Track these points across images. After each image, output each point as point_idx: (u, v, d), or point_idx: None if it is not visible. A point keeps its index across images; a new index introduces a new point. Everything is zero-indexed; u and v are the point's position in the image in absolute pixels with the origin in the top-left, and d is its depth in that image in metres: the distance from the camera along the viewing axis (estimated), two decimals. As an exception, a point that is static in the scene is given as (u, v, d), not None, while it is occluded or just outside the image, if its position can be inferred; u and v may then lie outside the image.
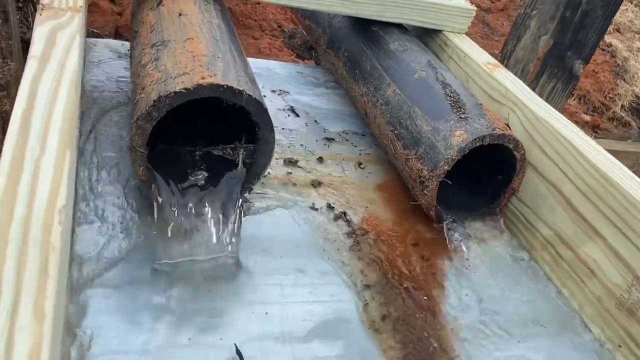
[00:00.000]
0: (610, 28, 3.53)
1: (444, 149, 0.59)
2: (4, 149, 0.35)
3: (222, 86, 0.48)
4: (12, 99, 0.62)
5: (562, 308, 0.57)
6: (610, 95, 2.77)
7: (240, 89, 0.49)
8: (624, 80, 2.91)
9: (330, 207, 0.63)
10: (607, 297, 0.54)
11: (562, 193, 0.60)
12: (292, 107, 0.82)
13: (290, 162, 0.69)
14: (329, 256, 0.56)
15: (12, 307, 0.26)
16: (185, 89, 0.47)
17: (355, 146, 0.76)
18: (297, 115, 0.80)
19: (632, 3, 4.07)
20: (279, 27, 2.39)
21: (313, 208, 0.62)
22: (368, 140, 0.78)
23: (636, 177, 0.53)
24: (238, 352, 0.42)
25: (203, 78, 0.48)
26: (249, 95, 0.49)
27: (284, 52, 2.14)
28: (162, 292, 0.47)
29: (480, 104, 0.65)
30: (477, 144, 0.59)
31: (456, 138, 0.59)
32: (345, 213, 0.63)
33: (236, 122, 0.55)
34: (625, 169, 0.55)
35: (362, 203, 0.65)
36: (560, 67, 0.79)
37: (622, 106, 2.77)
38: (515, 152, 0.62)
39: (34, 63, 0.45)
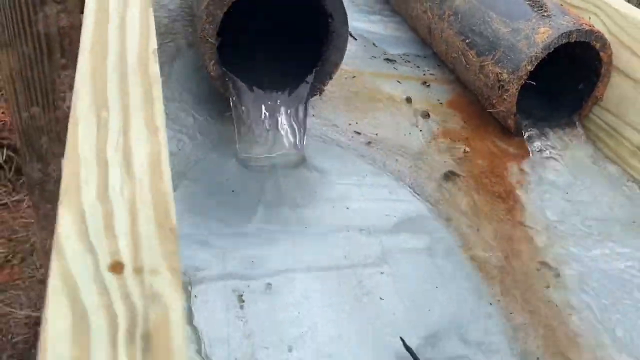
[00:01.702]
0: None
1: (526, 48, 0.55)
2: (86, 11, 0.33)
3: (296, -34, 0.45)
4: (68, 13, 0.61)
5: (660, 213, 0.53)
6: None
7: (316, -31, 0.45)
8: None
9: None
10: None
11: (656, 93, 0.55)
12: (349, 32, 0.78)
13: (352, 80, 0.66)
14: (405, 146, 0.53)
15: (123, 124, 0.24)
16: (258, -33, 0.44)
17: (419, 67, 0.73)
18: (355, 39, 0.76)
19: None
20: None
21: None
22: (431, 61, 0.74)
23: None
24: (407, 348, 0.36)
25: (275, -42, 0.45)
26: (325, -22, 0.46)
27: None
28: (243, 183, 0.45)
29: (561, 5, 0.60)
30: (564, 40, 0.54)
31: (540, 35, 0.55)
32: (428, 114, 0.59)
33: (299, 28, 0.52)
34: None
35: (435, 118, 0.62)
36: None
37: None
38: (601, 53, 0.57)
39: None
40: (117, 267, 0.18)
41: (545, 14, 0.57)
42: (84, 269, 0.18)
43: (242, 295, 0.36)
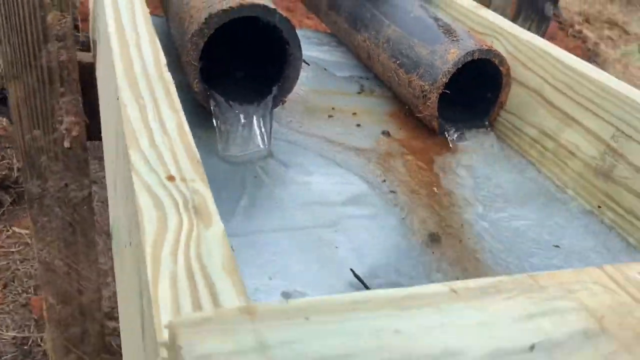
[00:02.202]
0: (580, 19, 3.73)
1: (441, 65, 0.70)
2: (111, 40, 0.45)
3: (259, 5, 0.59)
4: (68, 49, 0.72)
5: (550, 186, 0.68)
6: (584, 78, 2.92)
7: (274, 7, 0.59)
8: (596, 62, 3.08)
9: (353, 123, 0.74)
10: (586, 169, 0.65)
11: (543, 96, 0.71)
12: (303, 59, 0.92)
13: (308, 96, 0.79)
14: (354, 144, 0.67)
15: (154, 107, 0.36)
16: (230, 7, 0.57)
17: (362, 85, 0.87)
18: (308, 64, 0.91)
19: (597, -4, 4.29)
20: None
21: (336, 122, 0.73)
22: (372, 81, 0.89)
23: (597, 69, 0.65)
24: (356, 276, 0.49)
25: (243, 0, 0.59)
26: (280, 14, 0.60)
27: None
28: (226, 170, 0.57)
29: (469, 31, 0.76)
30: (469, 58, 0.70)
31: (451, 55, 0.70)
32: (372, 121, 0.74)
33: (264, 53, 0.66)
34: (587, 63, 0.66)
35: (380, 122, 0.76)
36: (533, 10, 0.91)
37: (596, 87, 2.92)
38: (500, 67, 0.73)
39: (109, -10, 0.55)
40: (171, 178, 0.30)
41: (454, 38, 0.73)
42: (153, 180, 0.30)
43: (231, 246, 0.48)
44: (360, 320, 0.19)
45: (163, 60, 0.43)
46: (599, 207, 0.63)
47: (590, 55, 3.01)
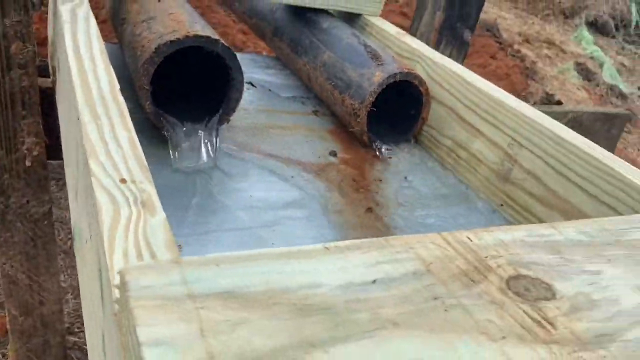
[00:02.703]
0: (520, 39, 3.98)
1: (368, 86, 0.80)
2: (72, 69, 0.53)
3: (203, 36, 0.67)
4: (29, 76, 0.79)
5: (462, 190, 0.79)
6: (523, 94, 3.13)
7: (217, 38, 0.68)
8: (534, 80, 3.30)
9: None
10: (490, 174, 0.76)
11: (456, 112, 0.82)
12: (250, 82, 1.02)
13: (254, 114, 0.88)
14: (294, 157, 0.76)
15: (110, 126, 0.44)
16: (177, 38, 0.66)
17: (305, 104, 0.97)
18: (255, 87, 1.00)
19: (537, 17, 4.59)
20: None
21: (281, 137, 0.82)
22: (313, 100, 0.99)
23: (498, 88, 0.76)
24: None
25: (189, 32, 0.67)
26: (223, 43, 0.69)
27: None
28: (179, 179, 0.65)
29: (393, 56, 0.87)
30: (391, 80, 0.81)
31: (376, 77, 0.81)
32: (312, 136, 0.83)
33: (211, 76, 0.75)
34: (491, 84, 0.78)
35: (319, 138, 0.85)
36: (453, 36, 1.03)
37: (535, 102, 3.13)
38: (420, 87, 0.84)
39: (68, 25, 0.63)
40: (123, 181, 0.38)
41: (380, 63, 0.83)
42: (109, 183, 0.38)
43: (181, 245, 0.56)
44: (255, 266, 0.28)
45: (117, 85, 0.51)
46: (501, 205, 0.74)
47: (529, 73, 3.22)
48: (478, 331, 0.27)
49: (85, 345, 1.30)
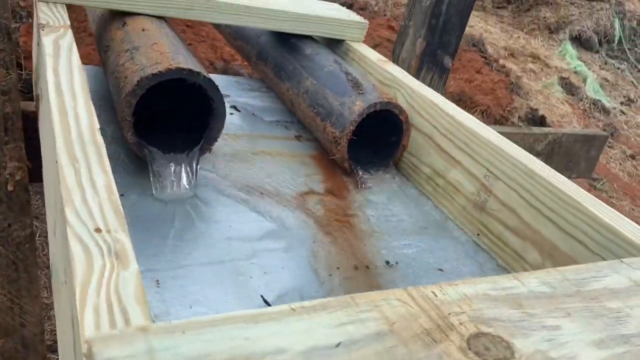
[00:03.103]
0: (505, 53, 4.03)
1: (348, 115, 0.82)
2: (52, 106, 0.54)
3: (185, 69, 0.68)
4: (12, 102, 0.79)
5: (440, 218, 0.80)
6: (508, 109, 3.17)
7: (198, 70, 0.69)
8: (519, 95, 3.34)
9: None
10: (467, 203, 0.77)
11: (434, 140, 0.83)
12: (234, 105, 1.03)
13: (238, 139, 0.89)
14: (275, 184, 0.77)
15: (87, 168, 0.45)
16: (159, 71, 0.67)
17: (288, 129, 0.98)
18: (239, 111, 1.01)
19: (523, 31, 4.66)
20: (211, 64, 2.61)
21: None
22: (296, 125, 1.00)
23: (472, 117, 0.78)
24: (265, 301, 0.58)
25: (171, 64, 0.68)
26: (204, 75, 0.70)
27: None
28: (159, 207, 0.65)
29: (374, 85, 0.89)
30: (371, 109, 0.82)
31: (357, 106, 0.82)
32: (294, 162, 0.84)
33: (194, 106, 0.76)
34: (468, 114, 0.79)
35: (301, 164, 0.87)
36: (434, 63, 1.05)
37: (519, 117, 3.18)
38: (400, 116, 0.86)
39: (50, 58, 0.64)
40: (98, 230, 0.39)
41: (360, 92, 0.85)
42: (83, 231, 0.38)
43: (158, 280, 0.56)
44: (221, 332, 0.29)
45: (96, 125, 0.52)
46: (478, 234, 0.76)
47: (514, 87, 3.26)
48: (436, 395, 0.28)
49: (66, 364, 1.29)
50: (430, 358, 0.30)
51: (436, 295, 0.35)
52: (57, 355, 1.32)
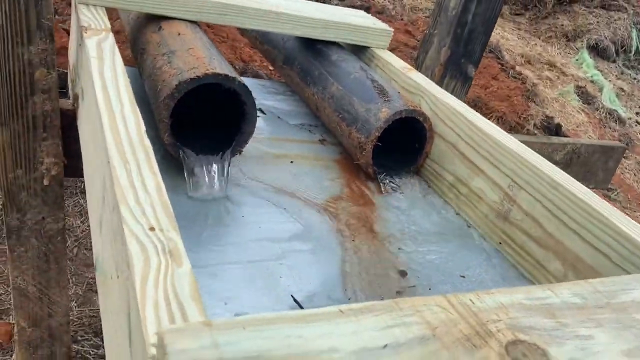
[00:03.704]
0: (522, 60, 4.03)
1: (374, 122, 0.84)
2: (100, 109, 0.56)
3: (221, 74, 0.71)
4: (52, 100, 0.82)
5: (462, 225, 0.82)
6: (524, 116, 3.17)
7: (234, 76, 0.71)
8: (535, 102, 3.34)
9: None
10: (490, 212, 0.79)
11: (457, 148, 0.85)
12: (260, 108, 1.05)
13: (263, 142, 0.91)
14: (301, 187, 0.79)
15: (138, 170, 0.47)
16: (197, 76, 0.69)
17: (313, 133, 1.00)
18: (265, 113, 1.03)
19: (540, 38, 4.64)
20: (231, 64, 2.63)
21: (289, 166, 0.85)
22: (321, 129, 1.02)
23: (496, 127, 0.80)
24: (295, 300, 0.60)
25: (208, 69, 0.70)
26: (239, 81, 0.72)
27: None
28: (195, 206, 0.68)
29: (399, 92, 0.90)
30: (397, 117, 0.84)
31: (383, 113, 0.84)
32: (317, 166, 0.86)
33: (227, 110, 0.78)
34: (492, 123, 0.81)
35: (325, 167, 0.89)
36: (457, 71, 1.06)
37: (535, 124, 3.18)
38: (424, 124, 0.88)
39: (95, 61, 0.66)
40: (152, 229, 0.41)
41: (386, 99, 0.87)
42: (139, 230, 0.41)
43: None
44: (278, 329, 0.31)
45: (143, 127, 0.54)
46: (500, 243, 0.77)
47: (530, 95, 3.26)
48: (477, 397, 0.30)
49: (88, 354, 1.32)
50: (471, 362, 0.32)
51: (474, 303, 0.37)
52: (78, 346, 1.35)
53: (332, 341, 0.31)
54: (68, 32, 1.71)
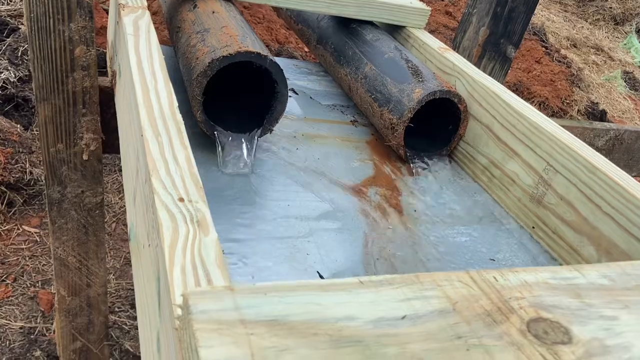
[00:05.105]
0: (568, 43, 3.88)
1: (407, 102, 0.83)
2: (135, 84, 0.58)
3: (254, 52, 0.71)
4: (91, 77, 0.85)
5: (494, 209, 0.80)
6: (567, 101, 3.07)
7: (265, 54, 0.72)
8: (579, 88, 3.22)
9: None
10: (524, 195, 0.77)
11: (492, 131, 0.83)
12: (292, 88, 1.05)
13: (295, 122, 0.92)
14: (331, 167, 0.79)
15: (169, 142, 0.49)
16: (229, 54, 0.70)
17: (345, 114, 1.00)
18: (297, 94, 1.04)
19: (587, 21, 4.46)
20: (267, 46, 2.65)
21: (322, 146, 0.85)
22: (352, 110, 1.02)
23: (534, 109, 0.78)
24: (321, 277, 0.61)
25: (240, 47, 0.71)
26: (271, 59, 0.73)
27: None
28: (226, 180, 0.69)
29: (434, 73, 0.89)
30: (430, 97, 0.83)
31: (416, 93, 0.83)
32: (349, 147, 0.86)
33: (258, 88, 0.79)
34: (530, 105, 0.79)
35: (355, 148, 0.88)
36: (496, 52, 1.03)
37: (579, 110, 3.07)
38: (459, 105, 0.86)
39: (131, 38, 0.68)
40: (181, 199, 0.42)
41: (420, 79, 0.85)
42: (169, 200, 0.42)
43: (223, 251, 0.60)
44: (297, 296, 0.31)
45: (175, 102, 0.55)
46: (533, 227, 0.76)
47: (574, 79, 3.15)
48: (495, 370, 0.30)
49: (125, 324, 1.38)
50: (491, 337, 0.32)
51: (497, 280, 0.36)
52: (114, 317, 1.40)
53: (350, 309, 0.31)
54: (108, 12, 1.75)
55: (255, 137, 0.77)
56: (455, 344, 0.30)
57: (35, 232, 1.49)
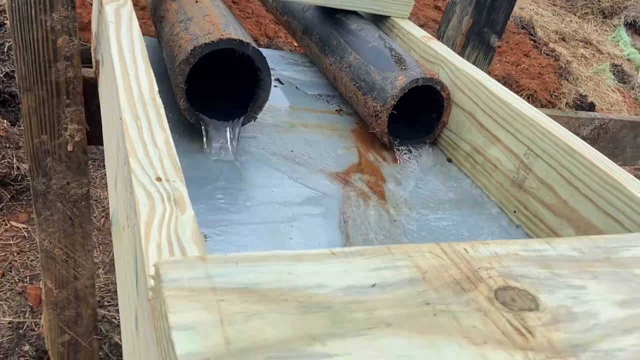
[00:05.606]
0: (556, 37, 3.90)
1: (390, 90, 0.83)
2: (115, 70, 0.58)
3: (236, 40, 0.71)
4: (74, 67, 0.85)
5: (477, 194, 0.81)
6: (556, 94, 3.09)
7: (248, 41, 0.72)
8: (568, 80, 3.24)
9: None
10: (505, 180, 0.78)
11: (475, 117, 0.84)
12: (278, 78, 1.06)
13: (280, 111, 0.92)
14: (315, 155, 0.80)
15: (148, 125, 0.49)
16: (212, 41, 0.70)
17: (330, 103, 1.01)
18: (283, 84, 1.04)
19: (575, 15, 4.49)
20: (256, 40, 2.64)
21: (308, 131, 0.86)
22: (338, 99, 1.02)
23: (517, 96, 0.78)
24: None
25: (222, 35, 0.71)
26: (253, 47, 0.73)
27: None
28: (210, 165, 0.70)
29: (417, 61, 0.90)
30: (413, 84, 0.83)
31: (399, 81, 0.84)
32: (332, 134, 0.86)
33: (241, 76, 0.79)
34: (512, 92, 0.80)
35: (340, 137, 0.89)
36: (480, 41, 1.04)
37: (567, 103, 3.09)
38: (442, 92, 0.87)
39: (112, 26, 0.68)
40: (159, 179, 0.43)
41: (403, 67, 0.86)
42: (146, 180, 0.42)
43: (206, 235, 0.60)
44: (269, 265, 0.32)
45: (155, 87, 0.56)
46: (514, 211, 0.77)
47: (563, 72, 3.17)
48: (462, 335, 0.30)
49: (114, 318, 1.38)
50: (459, 304, 0.32)
51: (467, 252, 0.37)
52: (104, 311, 1.40)
53: (321, 278, 0.32)
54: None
55: (239, 125, 0.78)
56: (423, 309, 0.31)
57: (23, 228, 1.49)
